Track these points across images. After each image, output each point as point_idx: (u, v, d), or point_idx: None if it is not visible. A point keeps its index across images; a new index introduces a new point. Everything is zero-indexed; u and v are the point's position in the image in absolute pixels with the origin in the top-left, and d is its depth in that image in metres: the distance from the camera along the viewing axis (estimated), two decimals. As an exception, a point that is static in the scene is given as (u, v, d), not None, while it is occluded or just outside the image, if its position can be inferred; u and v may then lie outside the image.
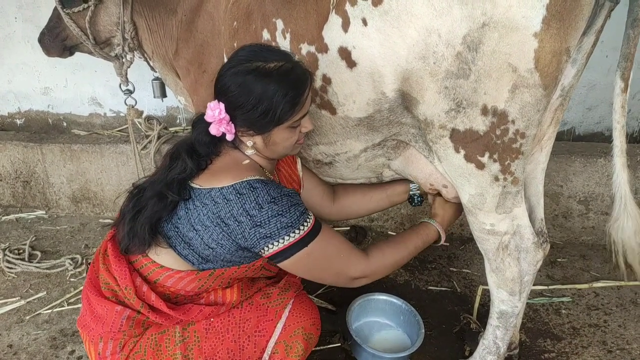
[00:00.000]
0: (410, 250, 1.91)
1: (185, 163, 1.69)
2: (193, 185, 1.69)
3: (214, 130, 1.68)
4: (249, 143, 1.74)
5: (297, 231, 1.64)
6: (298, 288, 2.00)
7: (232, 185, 1.64)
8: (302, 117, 1.74)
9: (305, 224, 1.66)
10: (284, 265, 1.68)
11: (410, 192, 2.22)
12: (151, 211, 1.68)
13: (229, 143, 1.79)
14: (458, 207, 2.10)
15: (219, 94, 1.68)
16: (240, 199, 1.61)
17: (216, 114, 1.65)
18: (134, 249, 1.73)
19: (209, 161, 1.73)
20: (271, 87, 1.61)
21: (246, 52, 1.70)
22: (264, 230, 1.61)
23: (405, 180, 2.22)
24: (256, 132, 1.71)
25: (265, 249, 1.64)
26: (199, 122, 1.77)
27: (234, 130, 1.69)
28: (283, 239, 1.62)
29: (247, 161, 1.76)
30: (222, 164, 1.73)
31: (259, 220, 1.61)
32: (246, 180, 1.64)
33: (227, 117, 1.67)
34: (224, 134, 1.71)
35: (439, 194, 2.09)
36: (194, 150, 1.73)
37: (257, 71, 1.62)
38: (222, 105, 1.65)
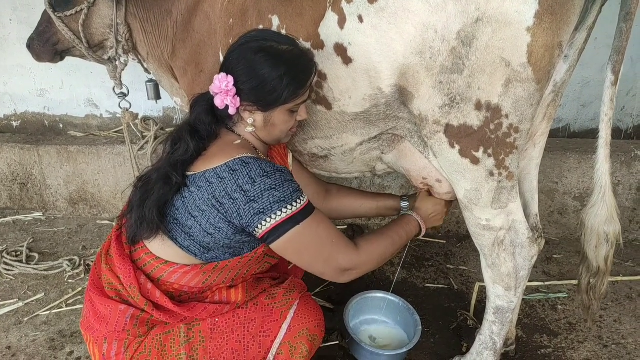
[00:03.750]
0: (395, 242, 1.90)
1: (188, 144, 1.72)
2: (188, 173, 1.71)
3: (218, 101, 1.70)
4: (249, 120, 1.76)
5: (289, 207, 1.64)
6: (303, 289, 2.00)
7: (225, 164, 1.66)
8: (302, 102, 1.78)
9: (299, 200, 1.67)
10: (277, 246, 1.68)
11: (402, 212, 2.22)
12: (158, 194, 1.70)
13: (226, 125, 1.82)
14: (439, 203, 2.10)
15: (228, 68, 1.71)
16: (233, 176, 1.63)
17: (223, 86, 1.68)
18: (142, 234, 1.74)
19: (204, 147, 1.75)
20: (283, 66, 1.67)
21: (258, 32, 1.77)
22: (258, 205, 1.62)
23: (397, 197, 2.26)
24: (260, 108, 1.73)
25: (260, 226, 1.64)
26: (199, 102, 1.81)
27: (238, 104, 1.72)
28: (276, 214, 1.63)
29: (239, 141, 1.78)
30: (215, 149, 1.75)
31: (252, 195, 1.62)
32: (238, 157, 1.66)
33: (234, 90, 1.69)
34: (225, 113, 1.75)
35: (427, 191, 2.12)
36: (196, 130, 1.76)
37: (271, 50, 1.68)
38: (230, 78, 1.68)
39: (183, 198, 1.70)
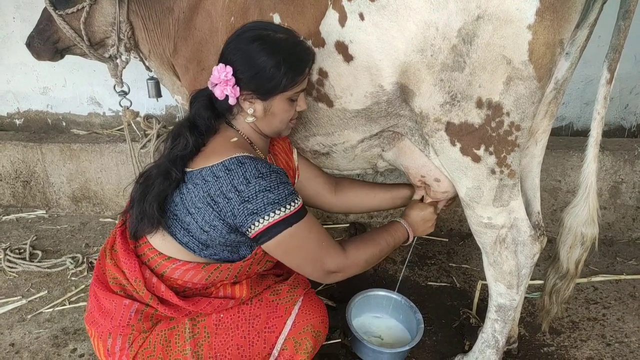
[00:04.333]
0: (382, 248, 1.92)
1: (187, 139, 1.73)
2: (186, 170, 1.72)
3: (218, 92, 1.71)
4: (250, 110, 1.76)
5: (283, 209, 1.65)
6: (306, 286, 2.01)
7: (221, 162, 1.67)
8: (301, 91, 1.79)
9: (293, 204, 1.68)
10: (268, 246, 1.70)
11: (415, 197, 2.22)
12: (158, 189, 1.71)
13: (225, 118, 1.83)
14: (426, 209, 2.10)
15: (226, 59, 1.72)
16: (229, 175, 1.64)
17: (222, 76, 1.69)
18: (143, 229, 1.76)
19: (204, 142, 1.76)
20: (280, 54, 1.67)
21: (254, 23, 1.78)
22: (251, 205, 1.63)
23: (410, 185, 2.23)
24: (259, 97, 1.74)
25: (252, 226, 1.65)
26: (198, 97, 1.83)
27: (238, 94, 1.72)
28: (269, 215, 1.64)
29: (235, 139, 1.78)
30: (213, 145, 1.76)
31: (246, 196, 1.63)
32: (235, 157, 1.67)
33: (233, 80, 1.70)
34: (224, 105, 1.76)
35: (421, 198, 2.13)
36: (195, 126, 1.77)
37: (267, 38, 1.68)
38: (229, 68, 1.69)
39: (181, 194, 1.71)
